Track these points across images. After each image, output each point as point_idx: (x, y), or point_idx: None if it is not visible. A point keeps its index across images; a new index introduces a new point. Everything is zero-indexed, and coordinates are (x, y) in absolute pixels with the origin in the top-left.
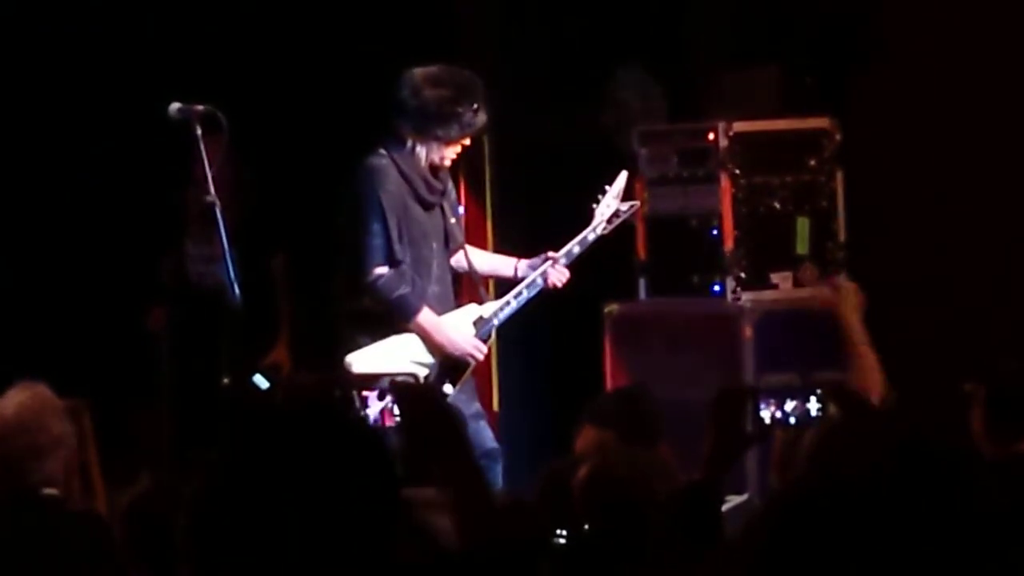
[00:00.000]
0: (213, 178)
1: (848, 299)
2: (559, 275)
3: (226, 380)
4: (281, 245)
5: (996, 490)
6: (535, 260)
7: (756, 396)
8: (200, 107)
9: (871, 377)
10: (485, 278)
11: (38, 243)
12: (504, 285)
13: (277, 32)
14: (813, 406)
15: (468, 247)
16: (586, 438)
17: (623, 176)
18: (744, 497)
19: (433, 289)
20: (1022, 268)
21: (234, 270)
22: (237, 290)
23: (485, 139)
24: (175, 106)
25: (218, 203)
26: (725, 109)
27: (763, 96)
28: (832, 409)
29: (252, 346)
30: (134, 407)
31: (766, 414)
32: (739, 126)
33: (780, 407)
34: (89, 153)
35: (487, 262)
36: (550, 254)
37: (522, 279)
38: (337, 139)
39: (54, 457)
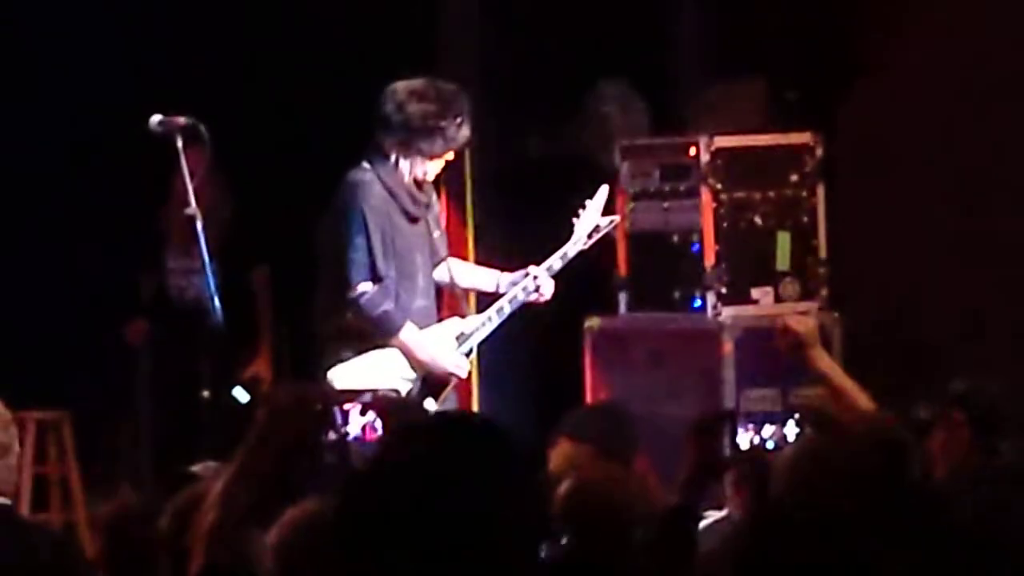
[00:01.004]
0: (194, 191)
1: (807, 336)
2: (545, 286)
3: (206, 393)
4: (262, 258)
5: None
6: (516, 275)
7: (734, 420)
8: (181, 120)
9: (858, 400)
10: (467, 292)
11: (18, 255)
12: (486, 299)
13: (258, 45)
14: (791, 430)
15: (451, 260)
16: (561, 452)
17: (604, 191)
18: (723, 513)
19: (418, 303)
20: (1002, 284)
21: (214, 283)
22: (217, 303)
23: (466, 154)
24: (156, 119)
25: (199, 216)
26: (707, 124)
27: (746, 111)
28: (809, 432)
29: (232, 359)
30: (114, 420)
31: (744, 439)
32: (721, 141)
33: (758, 431)
34: (70, 166)
35: (469, 276)
36: (531, 269)
37: (503, 294)
38: (318, 152)
39: (2, 464)
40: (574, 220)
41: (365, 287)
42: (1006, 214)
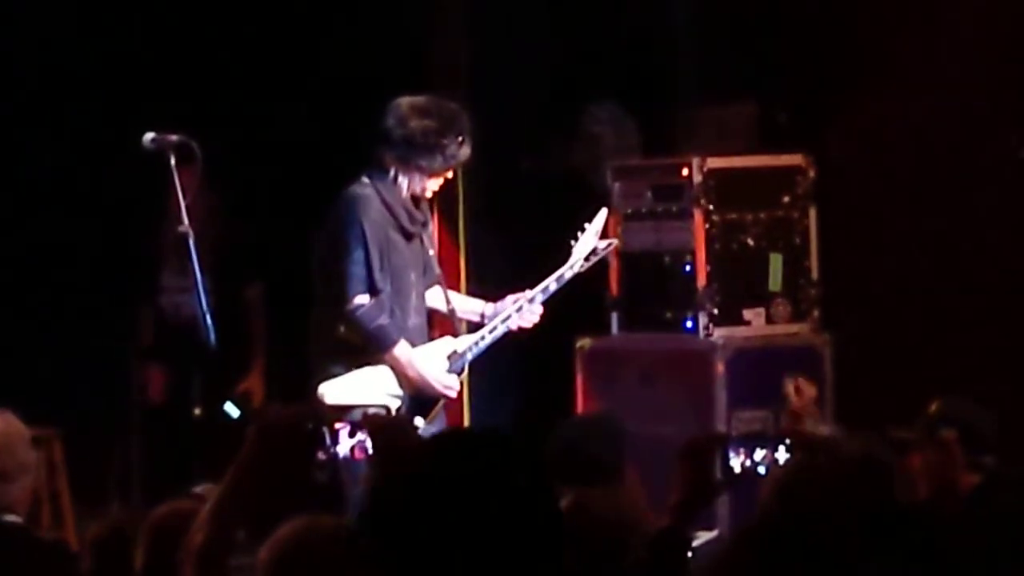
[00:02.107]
0: (187, 208)
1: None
2: (532, 315)
3: (197, 411)
4: (256, 275)
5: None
6: (500, 304)
7: (726, 444)
8: (174, 137)
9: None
10: (460, 320)
11: (8, 273)
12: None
13: (252, 62)
14: (782, 455)
15: (446, 289)
16: None
17: (603, 213)
18: (714, 533)
19: (412, 320)
20: (997, 305)
21: (207, 300)
22: (209, 320)
23: (459, 174)
24: (149, 136)
25: (191, 234)
26: (700, 145)
27: (738, 132)
28: (799, 456)
29: (224, 377)
30: (105, 437)
31: (736, 462)
32: (713, 162)
33: (750, 455)
34: (64, 183)
35: (458, 303)
36: (522, 296)
37: (486, 323)
38: (311, 170)
39: (19, 484)
40: (572, 242)
41: (362, 300)
42: (999, 236)
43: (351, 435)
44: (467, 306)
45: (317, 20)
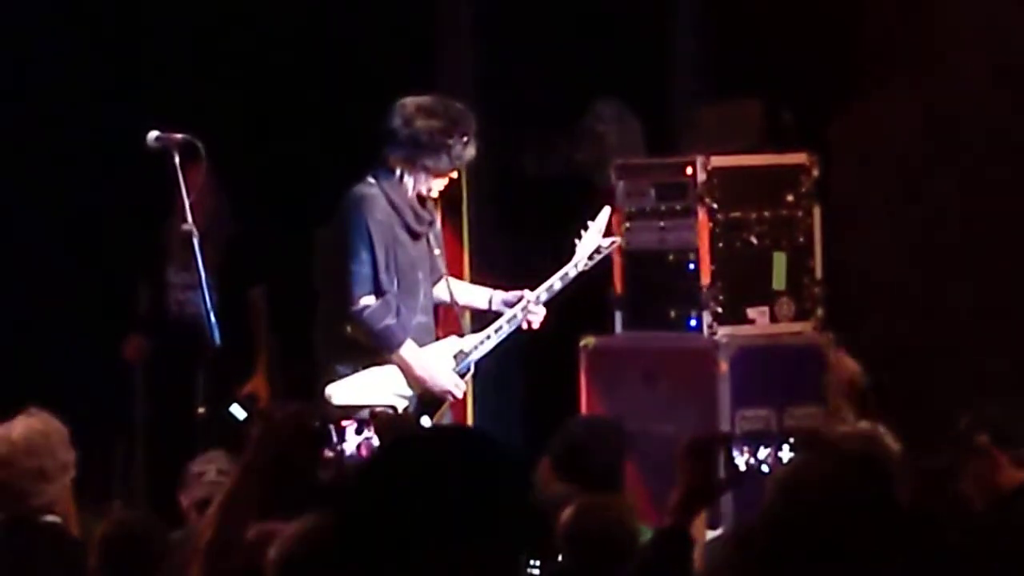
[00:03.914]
0: (192, 207)
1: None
2: (536, 315)
3: (201, 410)
4: (262, 276)
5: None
6: (510, 296)
7: (729, 443)
8: (178, 136)
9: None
10: (463, 309)
11: (14, 271)
12: (481, 316)
13: (258, 62)
14: (786, 454)
15: (448, 278)
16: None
17: (606, 212)
18: (719, 532)
19: (419, 319)
20: (1001, 304)
21: (211, 299)
22: (213, 319)
23: (463, 173)
24: (153, 135)
25: (195, 232)
26: (704, 143)
27: (742, 131)
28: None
29: (228, 376)
30: (108, 436)
31: (740, 461)
32: (717, 161)
33: (753, 454)
34: (68, 181)
35: (464, 293)
36: (526, 293)
37: (496, 312)
38: (317, 171)
39: (59, 483)
40: (576, 241)
41: (368, 300)
42: (1005, 235)
43: (358, 432)
44: (473, 295)
45: (323, 21)
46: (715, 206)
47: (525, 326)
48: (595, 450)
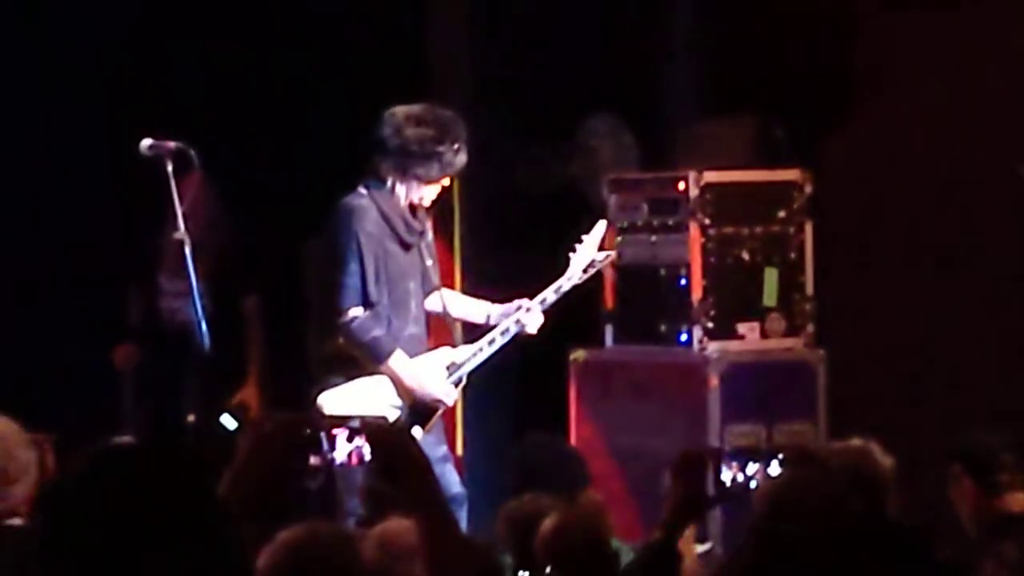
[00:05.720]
0: (185, 215)
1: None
2: (535, 320)
3: (191, 418)
4: (254, 285)
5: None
6: (507, 307)
7: (719, 458)
8: (171, 144)
9: None
10: (457, 321)
11: (5, 278)
12: (474, 329)
13: (251, 71)
14: (775, 469)
15: (443, 290)
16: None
17: (601, 225)
18: (707, 546)
19: (410, 330)
20: (993, 320)
21: (203, 308)
22: (205, 328)
23: (455, 184)
24: (146, 143)
25: (187, 240)
26: (696, 159)
27: (735, 147)
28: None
29: (218, 385)
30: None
31: (728, 476)
32: (709, 176)
33: (742, 470)
34: (60, 188)
35: (460, 306)
36: (523, 301)
37: (493, 325)
38: (310, 181)
39: (21, 486)
40: (570, 254)
41: (356, 312)
42: (996, 251)
43: (349, 440)
44: (470, 308)
45: (316, 28)
46: (707, 221)
47: (525, 332)
48: (549, 477)
